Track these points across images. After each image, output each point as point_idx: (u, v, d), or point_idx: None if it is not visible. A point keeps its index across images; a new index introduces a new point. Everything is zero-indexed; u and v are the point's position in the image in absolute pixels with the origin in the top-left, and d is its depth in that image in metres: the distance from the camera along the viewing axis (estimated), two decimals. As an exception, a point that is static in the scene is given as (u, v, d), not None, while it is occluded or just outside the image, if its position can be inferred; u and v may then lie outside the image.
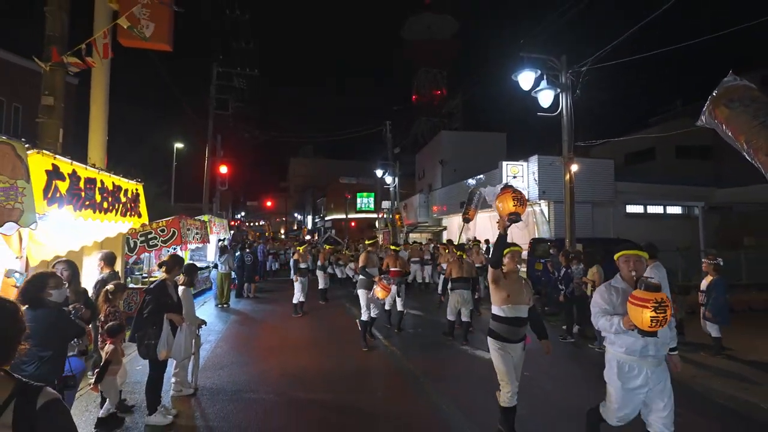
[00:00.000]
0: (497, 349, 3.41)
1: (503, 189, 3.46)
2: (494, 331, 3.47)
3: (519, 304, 3.40)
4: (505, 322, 3.40)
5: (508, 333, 3.39)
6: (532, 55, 8.92)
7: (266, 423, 3.83)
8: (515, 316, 3.38)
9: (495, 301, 3.47)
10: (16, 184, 3.38)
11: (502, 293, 3.41)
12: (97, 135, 7.15)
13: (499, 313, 3.44)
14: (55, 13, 6.53)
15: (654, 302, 2.48)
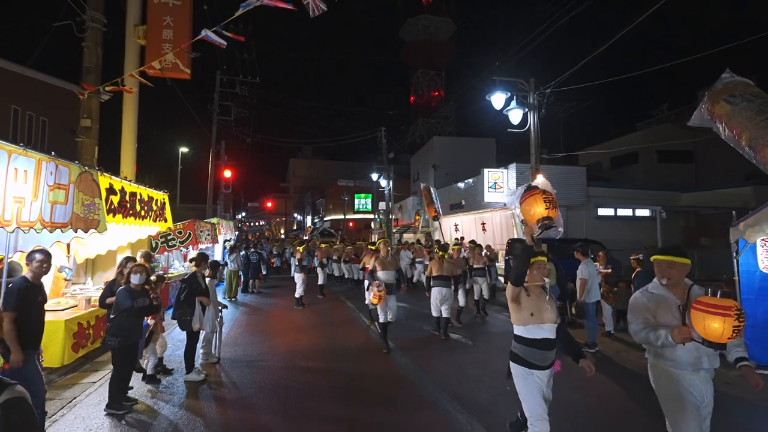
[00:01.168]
0: (523, 376, 2.93)
1: (529, 190, 3.11)
2: (518, 356, 2.96)
3: (545, 322, 2.90)
4: (530, 345, 2.90)
5: (535, 357, 2.89)
6: (503, 78, 10.18)
7: (275, 381, 5.07)
8: (543, 337, 2.89)
9: (517, 320, 2.98)
10: (94, 201, 4.63)
11: (525, 312, 2.93)
12: (127, 151, 8.39)
13: (522, 333, 2.94)
14: (92, 47, 7.80)
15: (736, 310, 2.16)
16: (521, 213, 3.15)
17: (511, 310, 3.01)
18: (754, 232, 5.46)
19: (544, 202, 3.01)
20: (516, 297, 2.93)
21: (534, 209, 3.02)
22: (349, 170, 43.66)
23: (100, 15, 7.73)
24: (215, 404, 4.35)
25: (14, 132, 11.92)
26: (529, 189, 3.14)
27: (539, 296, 2.95)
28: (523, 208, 3.11)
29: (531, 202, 3.04)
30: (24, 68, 11.89)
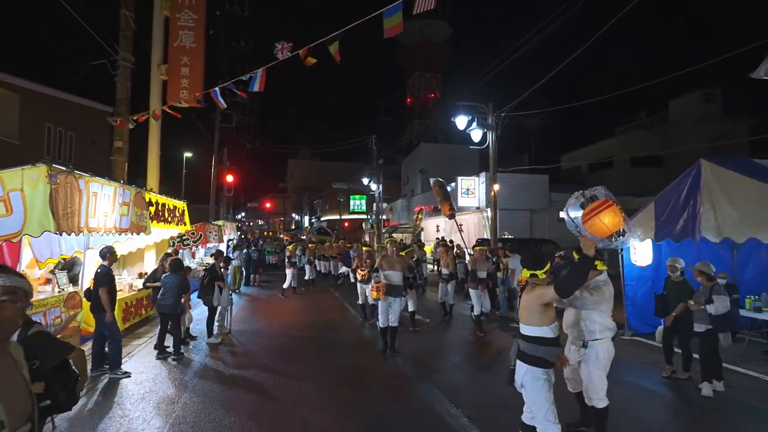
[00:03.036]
0: (546, 380, 2.90)
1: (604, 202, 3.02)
2: (543, 359, 2.90)
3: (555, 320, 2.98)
4: (553, 344, 2.92)
5: (554, 356, 2.94)
6: (466, 103, 12.04)
7: (271, 343, 6.91)
8: (558, 334, 2.97)
9: (540, 322, 2.92)
10: (143, 212, 6.50)
11: (551, 312, 2.94)
12: (152, 167, 10.24)
13: (545, 335, 2.91)
14: (123, 82, 9.65)
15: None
16: (587, 227, 2.99)
17: (539, 312, 2.93)
18: (633, 233, 7.30)
19: (621, 212, 2.95)
20: (550, 302, 2.92)
21: (612, 221, 2.92)
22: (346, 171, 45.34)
23: (129, 55, 9.55)
24: (230, 356, 6.21)
25: (48, 146, 13.77)
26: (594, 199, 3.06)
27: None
28: (594, 222, 2.96)
29: (608, 214, 2.94)
30: (57, 91, 13.74)
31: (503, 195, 14.40)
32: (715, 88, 28.10)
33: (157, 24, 10.24)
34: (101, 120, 16.41)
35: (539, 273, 3.06)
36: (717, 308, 4.51)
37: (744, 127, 27.92)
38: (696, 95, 27.91)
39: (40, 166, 4.08)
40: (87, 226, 4.90)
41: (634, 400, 4.63)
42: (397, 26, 4.56)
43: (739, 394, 4.78)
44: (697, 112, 27.64)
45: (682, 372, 5.23)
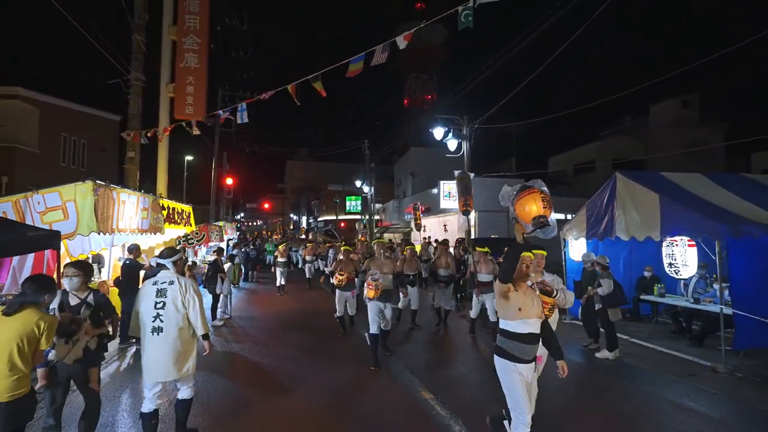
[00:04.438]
0: (508, 371, 3.04)
1: (526, 189, 3.12)
2: (503, 349, 3.08)
3: (531, 317, 3.03)
4: (516, 339, 3.02)
5: (520, 352, 3.02)
6: (443, 116, 13.35)
7: (266, 325, 8.23)
8: (528, 331, 3.02)
9: (504, 315, 3.08)
10: (159, 216, 7.81)
11: (513, 307, 3.03)
12: (162, 176, 11.54)
13: (508, 328, 3.05)
14: (135, 99, 10.92)
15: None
16: (515, 211, 3.11)
17: (498, 305, 3.08)
18: (569, 234, 8.66)
19: (542, 201, 3.01)
20: (504, 292, 3.00)
21: (530, 207, 3.00)
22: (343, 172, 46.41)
23: (140, 75, 10.82)
24: (231, 335, 7.52)
25: (64, 154, 15.06)
26: (525, 188, 3.11)
27: (526, 292, 3.06)
28: (519, 206, 3.07)
29: (528, 200, 3.01)
30: (71, 103, 15.04)
31: (482, 198, 15.67)
32: (693, 94, 29.49)
33: (165, 47, 11.54)
34: (110, 128, 17.79)
35: None
36: (603, 290, 5.85)
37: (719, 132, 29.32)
38: (674, 101, 29.27)
39: (87, 182, 5.38)
40: (117, 227, 6.21)
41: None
42: (358, 70, 5.85)
43: (634, 360, 6.10)
44: (675, 117, 29.00)
45: (592, 343, 6.57)
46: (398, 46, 5.37)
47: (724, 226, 5.49)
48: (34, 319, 2.63)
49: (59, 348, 3.08)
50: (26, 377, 2.60)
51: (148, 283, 3.48)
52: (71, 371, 3.23)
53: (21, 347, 2.55)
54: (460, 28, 4.77)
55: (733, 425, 4.06)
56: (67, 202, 5.27)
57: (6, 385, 2.51)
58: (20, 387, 2.55)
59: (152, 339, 3.28)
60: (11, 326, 2.59)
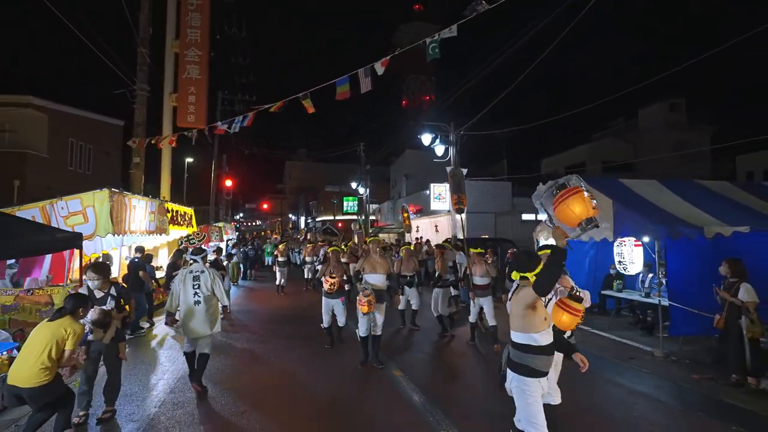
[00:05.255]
0: (532, 390, 2.72)
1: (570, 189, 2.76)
2: (527, 367, 2.73)
3: (550, 325, 2.81)
4: (542, 353, 2.72)
5: (544, 365, 2.75)
6: (431, 123, 14.12)
7: (262, 317, 8.99)
8: (550, 342, 2.77)
9: (527, 327, 2.74)
10: (164, 218, 8.56)
11: (539, 317, 2.74)
12: (165, 180, 12.30)
13: (531, 342, 2.73)
14: (140, 108, 11.67)
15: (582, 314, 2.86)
16: (556, 214, 2.80)
17: (523, 316, 2.76)
18: (540, 234, 9.42)
19: (590, 200, 2.72)
20: (532, 303, 2.72)
21: (576, 208, 2.70)
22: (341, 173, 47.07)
23: (145, 86, 11.58)
24: (230, 326, 8.28)
25: (71, 158, 15.82)
26: (565, 187, 2.80)
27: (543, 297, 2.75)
28: (562, 208, 2.75)
29: (574, 201, 2.71)
30: (78, 110, 15.79)
31: (471, 199, 16.40)
32: (680, 97, 30.28)
33: (169, 60, 12.30)
34: (114, 133, 18.54)
35: (530, 275, 2.80)
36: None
37: (707, 135, 30.12)
38: (662, 104, 30.04)
39: (104, 190, 6.15)
40: (129, 228, 6.97)
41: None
42: (345, 93, 6.58)
43: (587, 347, 6.82)
44: (663, 120, 29.77)
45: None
46: (376, 71, 6.11)
47: (664, 228, 6.26)
48: (65, 325, 3.39)
49: (97, 334, 3.88)
50: (52, 370, 3.29)
51: (185, 272, 4.95)
52: (102, 348, 4.01)
53: (53, 347, 3.29)
54: (429, 60, 5.52)
55: (654, 396, 4.83)
56: (87, 207, 6.03)
57: (33, 374, 3.22)
58: (45, 377, 3.24)
59: (194, 308, 4.76)
60: (50, 330, 3.36)
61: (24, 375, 3.24)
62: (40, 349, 3.28)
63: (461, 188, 8.65)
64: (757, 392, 4.88)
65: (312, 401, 4.60)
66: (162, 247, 11.71)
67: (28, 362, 3.26)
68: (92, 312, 3.81)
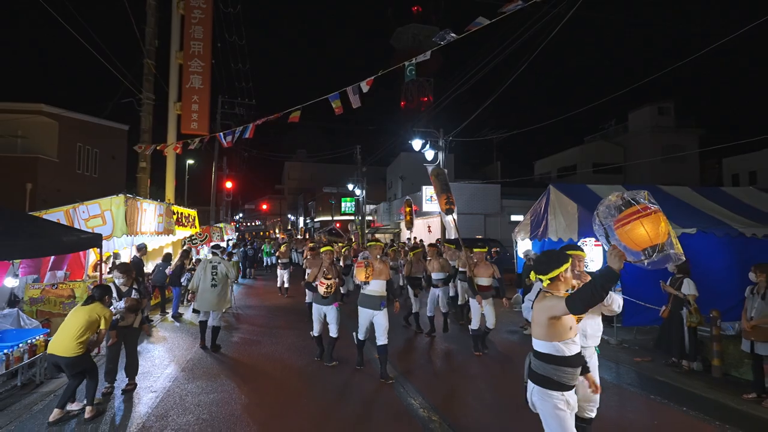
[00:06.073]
0: (557, 405, 2.48)
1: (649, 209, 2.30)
2: (550, 379, 2.51)
3: (576, 335, 2.57)
4: (567, 364, 2.50)
5: (571, 378, 2.52)
6: (420, 129, 14.88)
7: (261, 311, 9.75)
8: (577, 352, 2.54)
9: (550, 336, 2.52)
10: (171, 220, 9.30)
11: (565, 325, 2.51)
12: (170, 184, 13.04)
13: (555, 352, 2.51)
14: (146, 116, 12.40)
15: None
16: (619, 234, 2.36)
17: (547, 325, 2.53)
18: (518, 235, 10.20)
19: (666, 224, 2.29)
20: (563, 315, 2.48)
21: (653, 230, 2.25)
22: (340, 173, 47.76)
23: (150, 94, 12.33)
24: (233, 318, 9.04)
25: (79, 162, 16.57)
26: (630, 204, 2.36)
27: None
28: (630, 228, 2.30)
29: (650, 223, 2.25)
30: (85, 115, 16.55)
31: (461, 202, 17.19)
32: (669, 101, 31.06)
33: (173, 70, 13.04)
34: (120, 137, 19.29)
35: (544, 279, 2.67)
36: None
37: (694, 138, 30.93)
38: (651, 108, 30.83)
39: (120, 196, 6.91)
40: (140, 230, 7.73)
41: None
42: (339, 108, 7.33)
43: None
44: (652, 123, 30.56)
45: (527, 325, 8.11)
46: (362, 89, 6.87)
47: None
48: (97, 310, 4.23)
49: (128, 318, 4.68)
50: (84, 345, 4.10)
51: (206, 263, 6.70)
52: (126, 332, 4.79)
53: (86, 327, 4.11)
54: (407, 80, 6.28)
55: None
56: (105, 211, 6.79)
57: (72, 346, 4.03)
58: (79, 349, 4.06)
59: (211, 290, 6.43)
60: (84, 312, 4.19)
61: (62, 347, 4.03)
62: (76, 328, 4.06)
63: (448, 188, 8.19)
64: (689, 372, 5.66)
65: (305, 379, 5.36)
66: (167, 246, 12.46)
67: (66, 337, 4.05)
68: (125, 300, 4.63)
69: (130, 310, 4.69)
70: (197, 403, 4.46)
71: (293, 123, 7.78)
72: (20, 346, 4.78)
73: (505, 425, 4.11)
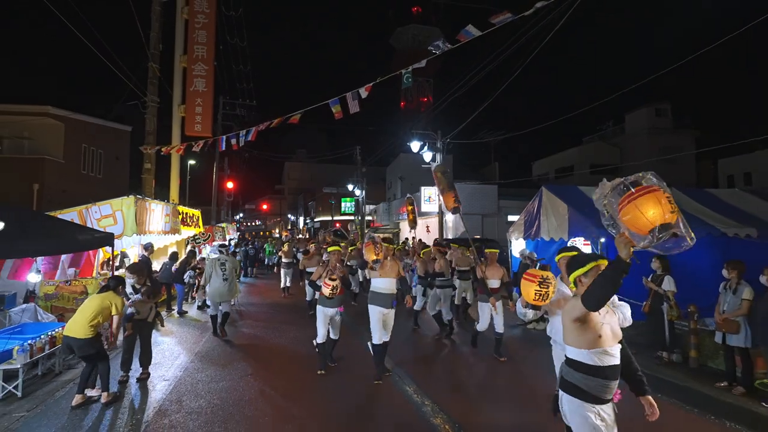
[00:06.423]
0: (588, 416, 2.33)
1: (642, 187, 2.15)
2: (577, 387, 2.38)
3: (612, 345, 2.36)
4: (595, 374, 2.33)
5: (600, 390, 2.34)
6: (419, 131, 15.21)
7: (263, 307, 10.09)
8: (611, 364, 2.34)
9: (576, 342, 2.40)
10: (176, 220, 9.65)
11: (591, 333, 2.34)
12: (174, 185, 13.38)
13: (584, 360, 2.36)
14: (151, 118, 12.70)
15: (540, 278, 2.86)
16: (621, 216, 2.18)
17: (572, 329, 2.41)
18: (512, 235, 10.54)
19: (669, 202, 2.10)
20: (582, 315, 2.32)
21: (649, 211, 2.07)
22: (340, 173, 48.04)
23: (155, 97, 12.64)
24: (237, 315, 9.37)
25: (84, 163, 16.91)
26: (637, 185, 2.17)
27: (601, 311, 2.35)
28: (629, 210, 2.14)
29: (645, 202, 2.09)
30: (90, 117, 16.88)
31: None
32: (665, 103, 31.41)
33: (177, 74, 13.36)
34: (123, 138, 19.62)
35: (571, 278, 2.59)
36: None
37: (690, 139, 31.29)
38: (648, 109, 31.18)
39: (130, 197, 7.24)
40: (149, 229, 8.07)
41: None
42: (339, 113, 7.66)
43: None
44: (649, 124, 30.91)
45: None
46: (360, 95, 7.20)
47: (603, 230, 7.36)
48: (110, 298, 4.59)
49: (143, 307, 5.03)
50: (96, 328, 4.45)
51: (215, 261, 7.53)
52: (141, 325, 5.13)
53: (98, 311, 4.47)
54: (403, 87, 6.62)
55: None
56: (116, 211, 7.12)
57: (85, 330, 4.38)
58: (91, 333, 4.40)
59: (222, 283, 7.32)
60: (98, 299, 4.56)
61: (77, 329, 4.39)
62: (90, 313, 4.42)
63: (453, 186, 8.02)
64: (668, 363, 6.01)
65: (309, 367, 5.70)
66: (171, 245, 12.79)
67: (81, 321, 4.41)
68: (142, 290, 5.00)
69: (147, 293, 5.09)
70: (208, 390, 4.80)
71: (293, 124, 8.14)
72: (42, 337, 5.12)
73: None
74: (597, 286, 2.20)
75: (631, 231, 2.17)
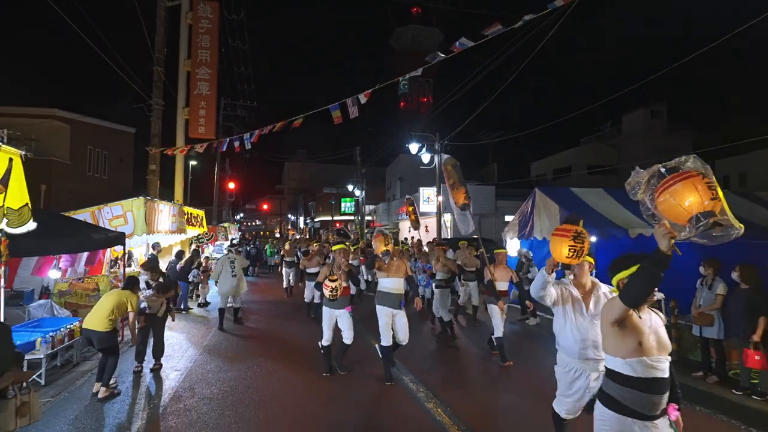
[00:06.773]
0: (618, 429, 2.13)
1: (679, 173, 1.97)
2: (612, 398, 2.18)
3: (657, 354, 2.10)
4: (634, 387, 2.09)
5: (639, 404, 2.09)
6: (417, 133, 15.56)
7: (264, 305, 10.43)
8: (654, 376, 2.08)
9: (612, 350, 2.18)
10: (182, 220, 9.99)
11: (631, 339, 2.11)
12: (178, 186, 13.71)
13: (618, 368, 2.15)
14: (155, 120, 13.04)
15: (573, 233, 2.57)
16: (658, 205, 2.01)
17: (610, 335, 2.18)
18: (507, 234, 10.88)
19: (709, 189, 1.87)
20: (621, 319, 2.10)
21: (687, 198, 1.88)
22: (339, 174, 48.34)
23: (160, 100, 12.98)
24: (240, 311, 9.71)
25: (89, 164, 17.25)
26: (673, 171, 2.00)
27: (646, 317, 2.17)
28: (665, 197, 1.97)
29: (684, 189, 1.90)
30: (95, 119, 17.23)
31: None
32: (661, 104, 31.77)
33: (181, 77, 13.70)
34: (127, 140, 19.95)
35: (613, 281, 2.41)
36: (532, 275, 8.05)
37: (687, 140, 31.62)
38: (644, 111, 31.53)
39: (140, 198, 7.59)
40: (157, 229, 8.41)
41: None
42: (338, 118, 7.99)
43: (541, 329, 8.32)
44: (645, 126, 31.25)
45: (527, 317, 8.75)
46: (360, 101, 7.54)
47: (595, 229, 7.70)
48: (126, 295, 4.93)
49: (155, 303, 5.37)
50: (113, 323, 4.78)
51: (225, 259, 8.34)
52: (154, 319, 5.47)
53: (115, 307, 4.80)
54: (400, 93, 6.95)
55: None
56: (127, 212, 7.47)
57: (104, 323, 4.71)
58: (109, 326, 4.74)
59: (231, 278, 8.07)
60: (116, 295, 4.92)
61: (96, 322, 4.74)
62: (108, 307, 4.76)
63: (464, 182, 7.48)
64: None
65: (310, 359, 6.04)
66: (175, 245, 13.13)
67: (99, 315, 4.76)
68: (155, 284, 5.35)
69: (159, 287, 5.45)
70: (218, 379, 5.15)
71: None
72: (61, 330, 5.45)
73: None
74: (633, 281, 2.09)
75: (670, 221, 1.98)
